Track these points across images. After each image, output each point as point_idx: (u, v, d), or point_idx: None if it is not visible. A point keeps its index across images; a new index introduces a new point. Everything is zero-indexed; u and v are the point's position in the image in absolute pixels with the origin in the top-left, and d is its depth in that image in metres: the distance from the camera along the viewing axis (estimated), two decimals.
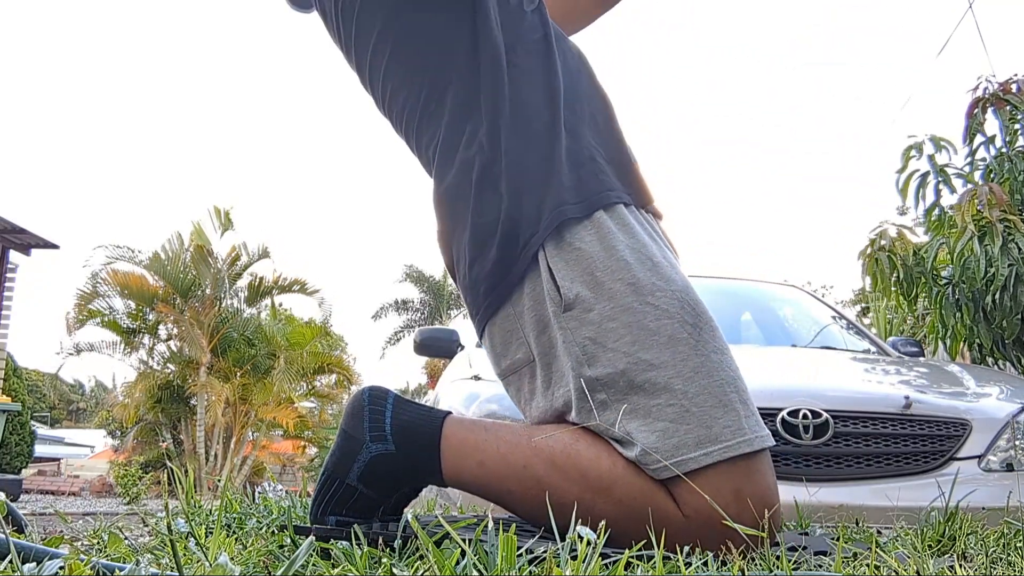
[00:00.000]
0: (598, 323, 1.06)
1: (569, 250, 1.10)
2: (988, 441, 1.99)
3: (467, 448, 1.08)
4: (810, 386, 2.17)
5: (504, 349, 1.18)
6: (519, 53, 1.21)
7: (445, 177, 1.21)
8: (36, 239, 10.20)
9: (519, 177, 1.14)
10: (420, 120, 1.25)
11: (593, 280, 1.08)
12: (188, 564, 0.82)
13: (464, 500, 1.89)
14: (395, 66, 1.26)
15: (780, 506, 1.05)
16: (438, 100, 1.22)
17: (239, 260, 14.54)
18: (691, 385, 1.03)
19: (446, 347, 3.27)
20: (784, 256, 55.90)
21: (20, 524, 1.13)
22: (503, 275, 1.14)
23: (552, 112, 1.18)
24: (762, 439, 1.04)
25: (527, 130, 1.17)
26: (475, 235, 1.16)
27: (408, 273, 22.05)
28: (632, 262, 1.09)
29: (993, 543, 1.09)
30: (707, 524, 0.98)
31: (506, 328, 1.16)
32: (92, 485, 18.39)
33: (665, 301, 1.07)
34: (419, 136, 1.27)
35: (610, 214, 1.13)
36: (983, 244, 3.64)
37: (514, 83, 1.19)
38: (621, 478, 1.02)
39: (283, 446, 19.47)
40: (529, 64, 1.21)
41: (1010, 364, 4.02)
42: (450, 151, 1.20)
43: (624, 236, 1.11)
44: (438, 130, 1.22)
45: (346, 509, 1.08)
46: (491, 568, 0.73)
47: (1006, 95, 4.06)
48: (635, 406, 1.04)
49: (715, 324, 1.10)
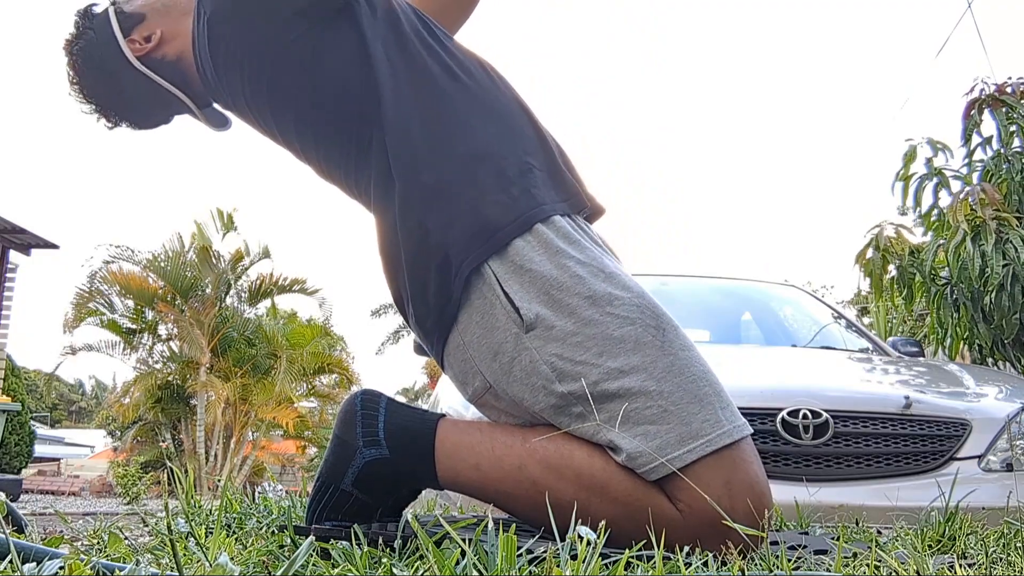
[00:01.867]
0: (562, 339, 1.06)
1: (521, 272, 1.09)
2: (988, 441, 1.99)
3: (462, 451, 1.08)
4: (810, 386, 2.17)
5: (464, 378, 1.17)
6: (418, 82, 1.18)
7: (380, 219, 1.20)
8: (36, 239, 10.20)
9: (442, 207, 1.12)
10: (355, 167, 1.22)
11: (550, 299, 1.07)
12: (188, 564, 0.82)
13: (464, 500, 1.89)
14: (308, 123, 1.23)
15: (770, 491, 1.05)
16: (360, 146, 1.19)
17: (241, 261, 14.55)
18: (665, 384, 1.04)
19: None
20: (784, 256, 55.89)
21: (20, 524, 1.13)
22: (443, 306, 1.12)
23: (468, 133, 1.17)
24: (739, 428, 1.05)
25: (444, 157, 1.15)
26: (411, 272, 1.15)
27: None
28: (585, 276, 1.09)
29: (993, 543, 1.09)
30: (703, 518, 0.99)
31: (459, 358, 1.15)
32: (92, 485, 18.40)
33: (624, 309, 1.07)
34: (357, 182, 1.24)
35: (549, 227, 1.12)
36: (978, 244, 3.64)
37: (423, 112, 1.17)
38: (616, 477, 1.03)
39: (283, 446, 19.47)
40: (433, 90, 1.19)
41: (1010, 364, 4.02)
42: (380, 192, 1.18)
43: (572, 250, 1.11)
44: (369, 173, 1.20)
45: (341, 514, 1.08)
46: (491, 568, 0.73)
47: (1002, 96, 4.06)
48: (613, 413, 1.04)
49: (676, 323, 1.11)
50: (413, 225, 1.13)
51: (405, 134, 1.15)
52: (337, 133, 1.21)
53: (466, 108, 1.20)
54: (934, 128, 14.84)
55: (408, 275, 1.15)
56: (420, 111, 1.17)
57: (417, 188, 1.14)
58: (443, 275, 1.11)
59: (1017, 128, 4.02)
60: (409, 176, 1.14)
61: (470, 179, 1.14)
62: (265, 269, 17.32)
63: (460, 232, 1.10)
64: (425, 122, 1.17)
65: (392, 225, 1.16)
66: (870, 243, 4.23)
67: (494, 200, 1.12)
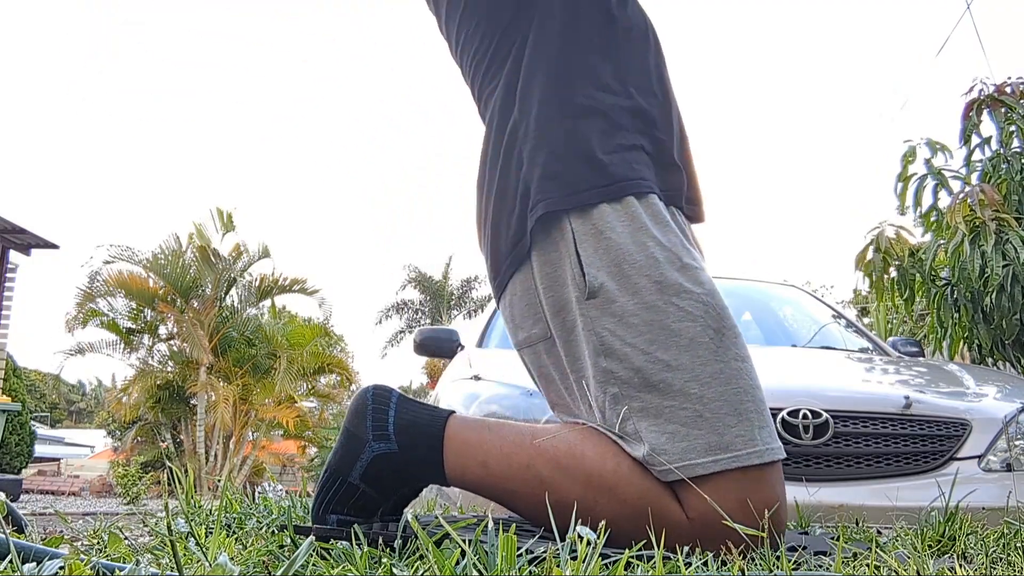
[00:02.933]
0: (620, 316, 1.05)
1: (599, 238, 1.08)
2: (988, 441, 1.99)
3: (470, 448, 1.07)
4: (810, 386, 2.17)
5: (522, 321, 1.17)
6: (576, 15, 1.19)
7: (488, 131, 1.22)
8: (36, 239, 10.20)
9: (543, 144, 1.12)
10: (485, 71, 1.24)
11: (620, 272, 1.06)
12: (188, 564, 0.82)
13: (464, 500, 1.89)
14: (470, 14, 1.25)
15: (787, 517, 1.04)
16: (503, 55, 1.21)
17: (240, 260, 14.54)
18: (707, 390, 1.02)
19: (446, 347, 3.27)
20: (784, 256, 55.87)
21: (20, 524, 1.13)
22: (516, 242, 1.13)
23: (598, 86, 1.16)
24: (773, 451, 1.02)
25: (565, 100, 1.15)
26: (497, 197, 1.16)
27: (410, 276, 22.05)
28: (661, 260, 1.07)
29: (993, 543, 1.09)
30: (711, 529, 0.97)
31: (524, 300, 1.15)
32: (92, 485, 18.40)
33: (690, 303, 1.05)
34: (481, 88, 1.27)
35: (643, 204, 1.11)
36: (977, 244, 3.64)
37: (567, 46, 1.17)
38: (625, 479, 1.02)
39: (283, 446, 19.47)
40: (585, 28, 1.18)
41: (1010, 364, 4.02)
42: (498, 107, 1.20)
43: (657, 231, 1.09)
44: (497, 86, 1.22)
45: (348, 508, 1.07)
46: (491, 568, 0.73)
47: (1001, 96, 4.06)
48: (647, 405, 1.03)
49: (739, 331, 1.09)
50: (513, 150, 1.15)
51: (542, 58, 1.17)
52: (483, 38, 1.23)
53: (608, 62, 1.18)
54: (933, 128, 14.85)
55: (494, 198, 1.17)
56: (564, 44, 1.17)
57: (529, 116, 1.14)
58: (523, 208, 1.12)
59: (1016, 128, 4.02)
60: (526, 102, 1.15)
61: (580, 130, 1.13)
62: (266, 269, 17.35)
63: (545, 176, 1.11)
64: (563, 56, 1.17)
65: (496, 142, 1.18)
66: (870, 244, 4.23)
67: (592, 157, 1.11)
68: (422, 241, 70.61)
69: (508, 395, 2.18)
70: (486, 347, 3.16)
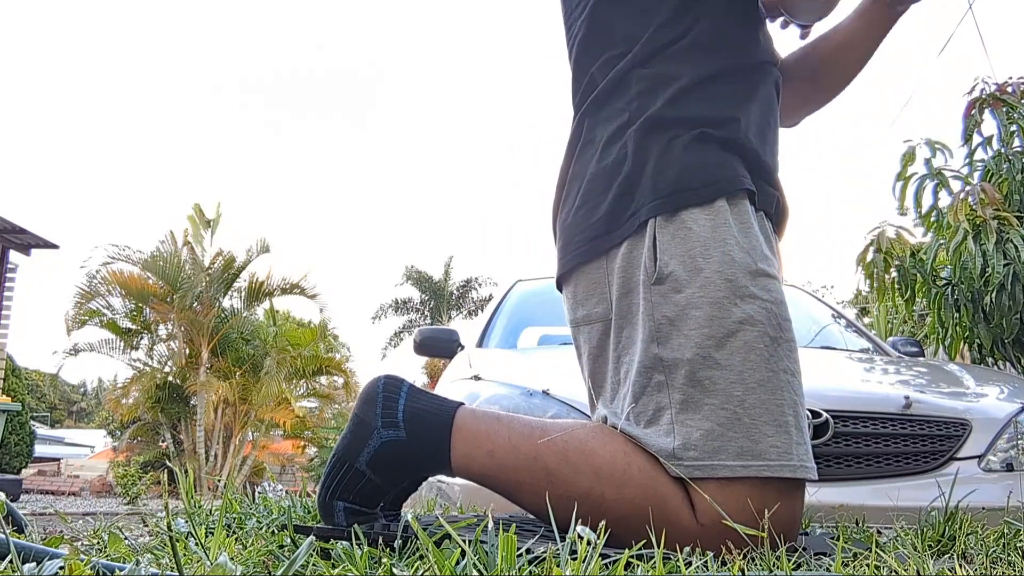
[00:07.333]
0: (682, 306, 1.05)
1: (679, 226, 1.08)
2: (988, 441, 1.99)
3: (478, 437, 1.07)
4: (810, 386, 2.14)
5: (585, 298, 1.17)
6: (729, 31, 1.19)
7: (591, 106, 1.22)
8: (36, 239, 10.20)
9: (648, 138, 1.13)
10: (604, 55, 1.22)
11: (692, 263, 1.06)
12: (188, 564, 0.82)
13: (464, 500, 1.89)
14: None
15: (798, 538, 1.03)
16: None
17: (232, 265, 14.50)
18: (751, 396, 1.01)
19: (446, 347, 3.27)
20: (784, 256, 55.72)
21: (20, 524, 1.13)
22: (605, 231, 1.13)
23: (718, 92, 1.16)
24: (806, 469, 1.01)
25: (685, 104, 1.14)
26: (592, 182, 1.16)
27: (408, 274, 22.05)
28: (737, 260, 1.06)
29: (993, 543, 1.09)
30: (720, 536, 0.96)
31: (593, 279, 1.16)
32: (92, 485, 18.39)
33: (754, 308, 1.04)
34: (585, 66, 1.25)
35: (732, 205, 1.10)
36: (978, 244, 3.64)
37: (695, 52, 1.17)
38: (635, 479, 1.01)
39: (283, 446, 19.48)
40: (730, 40, 1.19)
41: (1010, 364, 4.02)
42: (611, 87, 1.19)
43: (738, 232, 1.09)
44: (613, 65, 1.20)
45: (353, 495, 1.07)
46: (491, 568, 0.73)
47: (1003, 96, 4.06)
48: (688, 398, 1.02)
49: (795, 346, 1.08)
50: (617, 140, 1.15)
51: (686, 56, 1.16)
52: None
53: (734, 74, 1.18)
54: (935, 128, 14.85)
55: (588, 182, 1.17)
56: (696, 47, 1.17)
57: (645, 110, 1.14)
58: (619, 206, 1.12)
59: (1017, 128, 4.02)
60: (647, 94, 1.15)
61: (686, 125, 1.13)
62: (265, 269, 17.34)
63: (652, 175, 1.11)
64: (700, 58, 1.16)
65: (604, 120, 1.18)
66: (871, 244, 4.23)
67: (695, 157, 1.11)
68: (422, 241, 70.64)
69: (508, 395, 2.17)
70: (486, 347, 3.16)
